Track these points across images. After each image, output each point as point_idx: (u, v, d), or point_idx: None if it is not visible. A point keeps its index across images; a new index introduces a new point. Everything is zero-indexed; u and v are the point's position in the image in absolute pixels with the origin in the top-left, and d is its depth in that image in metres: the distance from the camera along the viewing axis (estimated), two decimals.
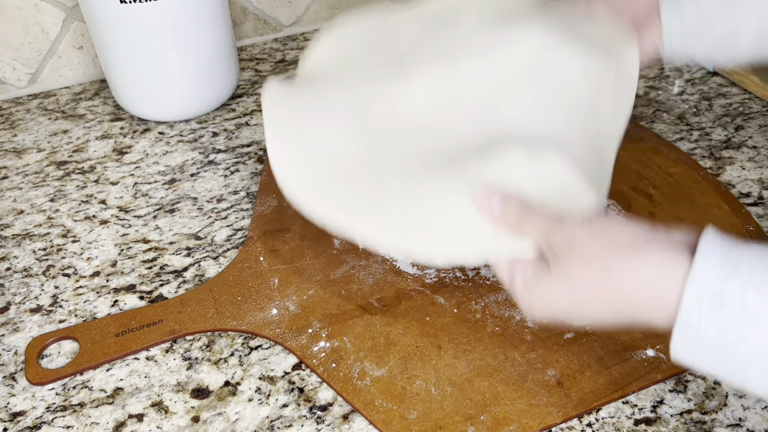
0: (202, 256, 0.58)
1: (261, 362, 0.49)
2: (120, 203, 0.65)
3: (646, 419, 0.44)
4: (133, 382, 0.48)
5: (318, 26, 0.96)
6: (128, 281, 0.57)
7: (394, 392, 0.46)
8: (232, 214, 0.63)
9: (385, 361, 0.48)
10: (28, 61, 0.82)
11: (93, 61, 0.85)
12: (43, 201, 0.66)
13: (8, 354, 0.51)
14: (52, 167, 0.71)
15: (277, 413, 0.46)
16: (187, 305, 0.53)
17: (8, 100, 0.82)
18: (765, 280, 0.31)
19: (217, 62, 0.75)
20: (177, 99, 0.75)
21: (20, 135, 0.76)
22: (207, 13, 0.71)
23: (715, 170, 0.65)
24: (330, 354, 0.49)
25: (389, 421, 0.44)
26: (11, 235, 0.62)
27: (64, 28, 0.81)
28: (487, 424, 0.44)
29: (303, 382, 0.48)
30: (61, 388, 0.48)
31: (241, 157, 0.71)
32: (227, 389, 0.48)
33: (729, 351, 0.32)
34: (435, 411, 0.45)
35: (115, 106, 0.80)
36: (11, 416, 0.47)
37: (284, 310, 0.52)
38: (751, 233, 0.57)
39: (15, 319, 0.54)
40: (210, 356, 0.50)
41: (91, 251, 0.60)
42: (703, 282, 0.32)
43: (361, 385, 0.47)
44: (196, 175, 0.68)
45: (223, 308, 0.53)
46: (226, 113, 0.78)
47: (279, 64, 0.87)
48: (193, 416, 0.46)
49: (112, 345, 0.50)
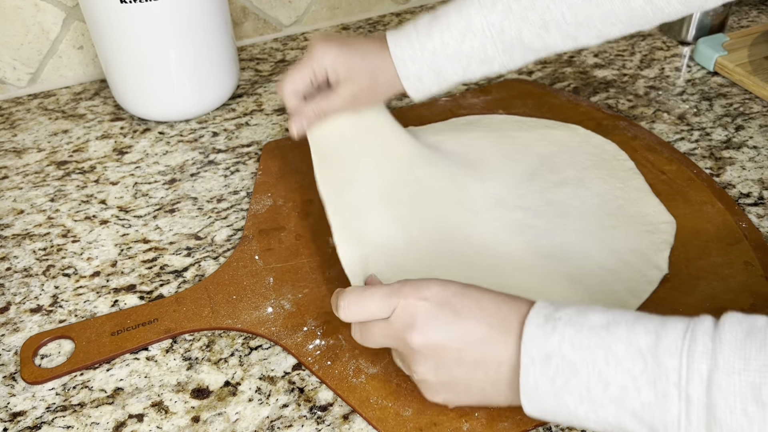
0: (202, 256, 0.59)
1: (261, 362, 0.49)
2: (120, 203, 0.65)
3: None
4: (133, 382, 0.48)
5: (318, 26, 0.96)
6: (128, 281, 0.57)
7: (389, 389, 0.46)
8: (232, 214, 0.63)
9: (380, 358, 0.48)
10: (28, 60, 0.82)
11: (93, 61, 0.85)
12: (43, 201, 0.66)
13: (8, 354, 0.51)
14: (52, 167, 0.71)
15: (277, 413, 0.46)
16: (183, 304, 0.53)
17: (8, 100, 0.82)
18: (575, 332, 0.37)
19: (217, 62, 0.75)
20: (177, 99, 0.75)
21: (20, 135, 0.76)
22: (207, 13, 0.71)
23: (716, 170, 0.65)
24: (325, 352, 0.49)
25: (384, 418, 0.44)
26: (11, 235, 0.62)
27: (64, 28, 0.81)
28: (482, 421, 0.44)
29: (303, 382, 0.48)
30: (61, 388, 0.48)
31: (241, 157, 0.71)
32: (227, 389, 0.48)
33: (561, 398, 0.37)
34: (430, 408, 0.45)
35: (115, 106, 0.80)
36: (11, 416, 0.47)
37: (279, 309, 0.52)
38: (744, 230, 0.57)
39: (15, 319, 0.54)
40: (210, 356, 0.50)
41: (91, 251, 0.60)
42: (531, 344, 0.38)
43: (357, 383, 0.47)
44: (196, 175, 0.68)
45: (219, 307, 0.53)
46: (226, 113, 0.78)
47: (279, 64, 0.87)
48: (193, 416, 0.46)
49: (108, 344, 0.50)
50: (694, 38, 0.85)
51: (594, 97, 0.77)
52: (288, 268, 0.56)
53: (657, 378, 0.35)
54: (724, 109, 0.74)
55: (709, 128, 0.71)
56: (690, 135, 0.70)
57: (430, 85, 0.58)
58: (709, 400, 0.33)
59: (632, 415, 0.36)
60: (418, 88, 0.58)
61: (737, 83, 0.77)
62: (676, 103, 0.75)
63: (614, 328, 0.37)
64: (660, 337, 0.36)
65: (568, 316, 0.38)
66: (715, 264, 0.54)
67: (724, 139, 0.69)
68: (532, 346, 0.38)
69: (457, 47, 0.55)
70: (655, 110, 0.74)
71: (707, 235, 0.56)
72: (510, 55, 0.56)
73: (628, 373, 0.36)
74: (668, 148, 0.67)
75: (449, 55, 0.56)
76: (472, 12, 0.55)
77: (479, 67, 0.56)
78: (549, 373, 0.37)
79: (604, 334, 0.37)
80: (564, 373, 0.37)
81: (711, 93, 0.77)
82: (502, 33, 0.54)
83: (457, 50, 0.55)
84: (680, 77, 0.80)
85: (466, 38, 0.55)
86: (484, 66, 0.56)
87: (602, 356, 0.36)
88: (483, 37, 0.55)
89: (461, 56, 0.56)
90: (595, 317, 0.38)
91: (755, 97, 0.75)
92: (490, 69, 0.57)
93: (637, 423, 0.36)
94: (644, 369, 0.35)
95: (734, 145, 0.68)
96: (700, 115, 0.73)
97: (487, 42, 0.55)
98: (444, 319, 0.41)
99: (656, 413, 0.35)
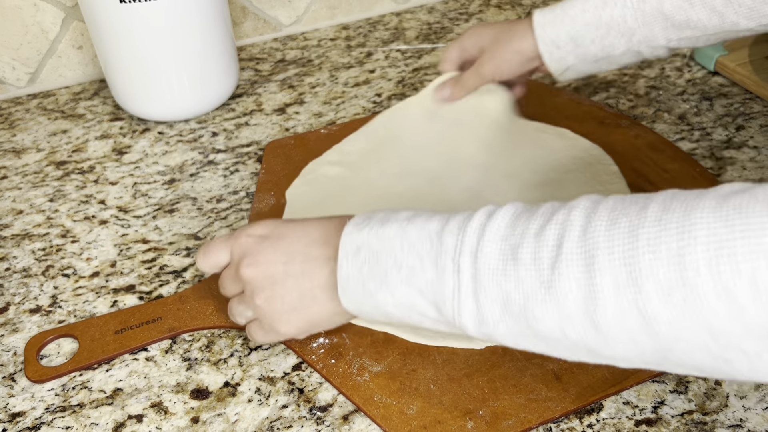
0: None
1: (261, 363, 0.49)
2: (119, 203, 0.65)
3: (647, 420, 0.44)
4: (133, 382, 0.48)
5: (318, 26, 0.95)
6: (128, 281, 0.56)
7: (393, 388, 0.46)
8: (231, 214, 0.63)
9: (384, 356, 0.48)
10: (27, 60, 0.81)
11: (92, 61, 0.84)
12: (42, 201, 0.66)
13: (8, 354, 0.51)
14: (52, 167, 0.70)
15: (277, 414, 0.46)
16: (186, 302, 0.53)
17: (7, 100, 0.82)
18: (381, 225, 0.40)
19: (217, 62, 0.75)
20: (176, 99, 0.74)
21: (19, 135, 0.76)
22: (207, 13, 0.71)
23: (716, 170, 0.65)
24: (329, 350, 0.49)
25: (389, 416, 0.44)
26: (10, 235, 0.62)
27: (63, 28, 0.81)
28: (486, 419, 0.44)
29: (303, 382, 0.48)
30: (61, 388, 0.48)
31: (240, 157, 0.71)
32: (227, 390, 0.47)
33: (366, 286, 0.40)
34: (434, 406, 0.45)
35: (115, 106, 0.80)
36: (10, 417, 0.46)
37: None
38: None
39: (14, 319, 0.54)
40: (209, 357, 0.50)
41: (90, 251, 0.60)
42: (346, 240, 0.41)
43: (361, 381, 0.47)
44: (196, 175, 0.68)
45: (223, 305, 0.53)
46: (226, 113, 0.78)
47: (279, 64, 0.87)
48: (192, 417, 0.46)
49: (112, 342, 0.50)
50: None
51: (594, 96, 0.77)
52: None
53: (438, 255, 0.38)
54: (724, 109, 0.73)
55: (710, 128, 0.71)
56: (690, 135, 0.70)
57: (567, 53, 0.58)
58: (475, 269, 0.36)
59: (420, 293, 0.39)
60: (553, 55, 0.58)
61: (738, 83, 0.77)
62: (676, 103, 0.75)
63: (415, 219, 0.40)
64: (448, 221, 0.39)
65: (381, 214, 0.42)
66: None
67: (725, 139, 0.69)
68: (346, 242, 0.41)
69: (596, 14, 0.55)
70: (655, 110, 0.74)
71: None
72: (650, 29, 0.55)
73: (416, 255, 0.39)
74: (671, 146, 0.67)
75: (588, 22, 0.56)
76: None
77: (618, 39, 0.56)
78: (357, 263, 0.40)
79: (405, 224, 0.40)
80: (369, 261, 0.40)
81: (711, 93, 0.76)
82: (643, 2, 0.54)
83: (596, 17, 0.55)
84: (681, 77, 0.80)
85: (607, 5, 0.55)
86: (623, 38, 0.56)
87: (398, 243, 0.39)
88: (623, 6, 0.54)
89: (600, 23, 0.55)
90: (403, 213, 0.41)
91: (756, 96, 0.75)
92: (629, 43, 0.56)
93: (424, 300, 0.39)
94: (430, 249, 0.38)
95: (735, 145, 0.68)
96: (701, 114, 0.73)
97: (627, 12, 0.54)
98: (270, 243, 0.44)
99: (437, 288, 0.38)
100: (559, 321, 0.34)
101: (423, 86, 0.80)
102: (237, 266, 0.45)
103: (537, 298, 0.34)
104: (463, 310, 0.37)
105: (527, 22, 0.60)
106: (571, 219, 0.35)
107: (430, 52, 0.88)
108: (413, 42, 0.91)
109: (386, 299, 0.40)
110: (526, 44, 0.60)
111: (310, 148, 0.70)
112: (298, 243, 0.44)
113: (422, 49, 0.89)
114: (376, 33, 0.93)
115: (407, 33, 0.93)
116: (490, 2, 1.00)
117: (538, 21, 0.58)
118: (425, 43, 0.90)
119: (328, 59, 0.88)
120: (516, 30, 0.61)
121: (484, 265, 0.36)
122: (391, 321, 0.42)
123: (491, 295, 0.36)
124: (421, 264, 0.38)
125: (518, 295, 0.35)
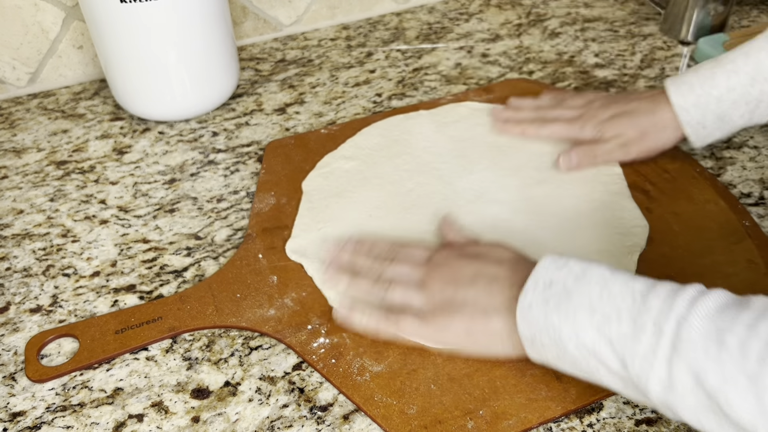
0: (202, 256, 0.58)
1: (261, 362, 0.49)
2: (120, 203, 0.65)
3: (647, 419, 0.44)
4: (133, 382, 0.48)
5: (318, 26, 0.95)
6: (128, 281, 0.56)
7: (393, 387, 0.46)
8: (232, 213, 0.63)
9: (384, 356, 0.48)
10: (27, 60, 0.81)
11: (93, 61, 0.84)
12: (42, 201, 0.66)
13: (8, 354, 0.51)
14: (52, 167, 0.70)
15: (278, 413, 0.46)
16: (187, 302, 0.53)
17: (8, 100, 0.82)
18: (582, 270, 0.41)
19: (217, 62, 0.75)
20: (177, 98, 0.74)
21: (20, 134, 0.76)
22: (207, 13, 0.71)
23: (716, 170, 0.65)
24: (329, 350, 0.49)
25: (389, 416, 0.44)
26: (11, 235, 0.62)
27: (63, 28, 0.81)
28: (486, 419, 0.44)
29: (303, 382, 0.48)
30: (61, 388, 0.48)
31: (241, 156, 0.71)
32: (227, 389, 0.48)
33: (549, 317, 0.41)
34: (434, 406, 0.45)
35: (115, 106, 0.80)
36: (11, 416, 0.46)
37: (283, 307, 0.52)
38: (747, 228, 0.57)
39: (15, 319, 0.54)
40: (210, 356, 0.50)
41: (90, 251, 0.60)
42: (542, 272, 0.43)
43: (361, 381, 0.47)
44: (196, 175, 0.68)
45: (223, 305, 0.53)
46: (226, 113, 0.78)
47: (279, 64, 0.87)
48: (193, 416, 0.46)
49: (112, 342, 0.50)
50: (695, 38, 0.85)
51: None
52: (291, 266, 0.56)
53: (639, 313, 0.38)
54: None
55: None
56: None
57: (713, 131, 0.59)
58: (677, 336, 0.36)
59: (609, 342, 0.38)
60: (699, 134, 0.60)
61: None
62: None
63: (618, 274, 0.41)
64: (655, 285, 0.39)
65: (577, 260, 0.43)
66: (718, 262, 0.54)
67: (725, 139, 0.69)
68: (541, 274, 0.42)
69: (744, 91, 0.57)
70: None
71: (710, 234, 0.56)
72: None
73: (615, 306, 0.39)
74: None
75: (735, 100, 0.57)
76: (762, 57, 0.56)
77: None
78: (545, 296, 0.41)
79: (608, 275, 0.41)
80: (558, 297, 0.41)
81: None
82: None
83: (744, 94, 0.57)
84: None
85: (756, 82, 0.56)
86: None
87: (597, 291, 0.40)
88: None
89: (749, 99, 0.57)
90: (604, 265, 0.42)
91: None
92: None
93: (611, 351, 0.38)
94: (631, 305, 0.38)
95: (735, 144, 0.68)
96: None
97: None
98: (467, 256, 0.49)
99: (629, 344, 0.37)
100: (759, 414, 0.33)
101: (423, 86, 0.80)
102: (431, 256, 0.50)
103: (737, 386, 0.34)
104: (653, 373, 0.37)
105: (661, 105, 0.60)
106: None
107: (430, 52, 0.88)
108: (413, 42, 0.91)
109: (570, 336, 0.40)
110: (672, 135, 0.61)
111: (310, 147, 0.70)
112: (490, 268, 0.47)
113: (422, 49, 0.89)
114: (377, 33, 0.94)
115: (407, 33, 0.93)
116: (490, 2, 1.00)
117: (679, 104, 0.59)
118: (425, 43, 0.90)
119: (329, 59, 0.88)
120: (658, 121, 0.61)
121: (687, 336, 0.36)
122: (561, 360, 0.42)
123: (685, 366, 0.35)
124: (617, 316, 0.38)
125: (715, 376, 0.34)
